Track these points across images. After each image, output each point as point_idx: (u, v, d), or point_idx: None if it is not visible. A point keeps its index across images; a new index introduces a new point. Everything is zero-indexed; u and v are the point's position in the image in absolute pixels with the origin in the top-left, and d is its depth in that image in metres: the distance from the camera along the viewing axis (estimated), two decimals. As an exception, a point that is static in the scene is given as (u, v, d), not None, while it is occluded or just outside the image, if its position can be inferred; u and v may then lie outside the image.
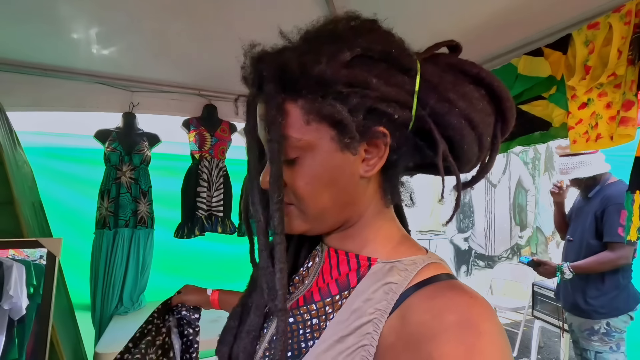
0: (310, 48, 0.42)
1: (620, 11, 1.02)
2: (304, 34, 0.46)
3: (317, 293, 0.48)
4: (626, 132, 1.01)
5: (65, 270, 1.91)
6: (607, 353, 1.86)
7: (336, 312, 0.45)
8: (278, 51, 0.45)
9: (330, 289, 0.48)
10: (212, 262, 2.37)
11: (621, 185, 1.93)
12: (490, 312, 0.36)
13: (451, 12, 1.39)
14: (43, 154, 2.09)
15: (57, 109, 1.86)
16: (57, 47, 1.65)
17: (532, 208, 5.02)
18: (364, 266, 0.48)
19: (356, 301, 0.44)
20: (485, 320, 0.35)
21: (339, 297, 0.46)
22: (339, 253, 0.50)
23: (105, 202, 1.94)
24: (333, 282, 0.48)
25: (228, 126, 2.18)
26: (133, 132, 2.01)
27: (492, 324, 0.35)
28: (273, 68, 0.42)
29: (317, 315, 0.46)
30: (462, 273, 4.39)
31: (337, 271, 0.49)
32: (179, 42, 1.72)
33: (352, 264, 0.49)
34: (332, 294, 0.47)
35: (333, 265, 0.50)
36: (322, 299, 0.47)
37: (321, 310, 0.47)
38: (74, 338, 1.78)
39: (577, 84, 1.13)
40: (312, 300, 0.48)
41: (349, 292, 0.46)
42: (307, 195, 0.45)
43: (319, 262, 0.52)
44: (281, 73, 0.42)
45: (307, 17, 0.42)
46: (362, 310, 0.43)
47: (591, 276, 1.91)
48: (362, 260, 0.48)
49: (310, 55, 0.41)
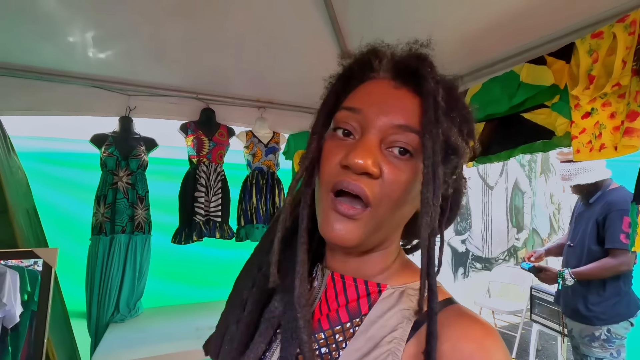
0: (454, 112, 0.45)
1: (625, 21, 1.01)
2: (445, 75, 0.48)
3: (325, 320, 0.46)
4: (631, 143, 1.00)
5: (61, 277, 1.88)
6: (608, 359, 1.87)
7: (348, 340, 0.44)
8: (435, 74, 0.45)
9: (340, 315, 0.46)
10: (210, 268, 2.34)
11: (623, 192, 1.94)
12: (499, 339, 0.40)
13: (452, 17, 1.38)
14: (38, 159, 2.06)
15: (52, 113, 1.83)
16: (52, 50, 1.62)
17: (529, 210, 5.05)
18: (374, 292, 0.47)
19: (370, 329, 0.43)
20: (498, 349, 0.39)
21: (350, 325, 0.45)
22: (345, 279, 0.48)
23: (101, 207, 1.91)
24: (343, 309, 0.46)
25: (226, 130, 2.16)
26: (130, 136, 1.98)
27: (503, 352, 0.39)
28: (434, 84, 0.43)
29: (327, 344, 0.45)
30: (460, 275, 4.40)
31: (344, 297, 0.47)
32: (177, 45, 1.70)
33: (361, 290, 0.47)
34: (342, 321, 0.46)
35: (339, 291, 0.48)
36: (331, 327, 0.46)
37: (330, 338, 0.45)
38: (69, 346, 1.76)
39: (580, 93, 1.12)
40: (320, 328, 0.46)
41: (360, 320, 0.45)
42: (398, 198, 0.43)
43: (318, 287, 0.50)
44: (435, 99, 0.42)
45: (305, 21, 0.41)
46: (377, 338, 0.42)
47: (592, 282, 1.91)
48: (371, 286, 0.47)
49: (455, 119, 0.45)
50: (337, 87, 0.49)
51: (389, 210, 0.43)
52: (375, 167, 0.41)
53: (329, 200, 0.43)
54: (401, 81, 0.45)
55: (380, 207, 0.42)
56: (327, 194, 0.44)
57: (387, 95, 0.44)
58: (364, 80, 0.48)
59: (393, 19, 1.46)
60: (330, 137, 0.46)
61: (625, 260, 1.81)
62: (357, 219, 0.42)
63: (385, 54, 0.47)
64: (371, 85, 0.46)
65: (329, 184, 0.43)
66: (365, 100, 0.45)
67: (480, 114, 1.49)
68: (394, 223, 0.45)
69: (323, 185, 0.44)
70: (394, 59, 0.47)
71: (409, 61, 0.45)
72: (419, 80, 0.43)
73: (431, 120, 0.41)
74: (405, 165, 0.43)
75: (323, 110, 0.48)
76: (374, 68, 0.47)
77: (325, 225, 0.43)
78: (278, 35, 1.65)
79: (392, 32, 1.67)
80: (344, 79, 0.49)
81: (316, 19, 1.60)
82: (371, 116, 0.43)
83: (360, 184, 0.41)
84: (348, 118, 0.44)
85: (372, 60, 0.47)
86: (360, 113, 0.44)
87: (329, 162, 0.44)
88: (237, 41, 1.69)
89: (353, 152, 0.41)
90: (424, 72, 0.43)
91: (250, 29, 1.63)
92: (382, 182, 0.42)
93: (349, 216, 0.42)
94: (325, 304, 0.48)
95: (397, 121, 0.42)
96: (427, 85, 0.42)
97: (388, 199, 0.42)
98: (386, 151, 0.43)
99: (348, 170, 0.42)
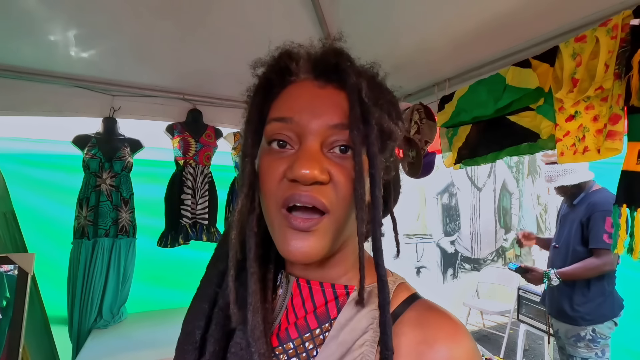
0: (381, 98, 0.45)
1: (607, 25, 1.03)
2: (366, 68, 0.47)
3: (294, 329, 0.45)
4: (613, 146, 1.02)
5: (41, 282, 1.83)
6: (593, 359, 1.89)
7: (319, 347, 0.43)
8: (354, 65, 0.45)
9: (309, 322, 0.45)
10: (196, 272, 2.27)
11: (605, 193, 1.97)
12: (466, 332, 0.43)
13: (440, 20, 1.39)
14: (17, 160, 2.00)
15: (32, 113, 1.78)
16: (32, 49, 1.57)
17: (516, 211, 5.12)
18: (342, 295, 0.46)
19: (341, 333, 0.43)
20: (469, 342, 0.42)
21: (319, 331, 0.44)
22: (311, 284, 0.47)
23: (83, 210, 1.86)
24: (311, 315, 0.45)
25: (213, 132, 2.13)
26: (114, 137, 1.94)
27: (472, 344, 0.43)
28: (356, 77, 0.42)
29: (296, 354, 0.44)
30: (449, 276, 4.43)
31: (311, 304, 0.46)
32: (163, 44, 1.67)
33: (328, 294, 0.46)
34: (310, 328, 0.44)
35: (305, 298, 0.46)
36: (300, 335, 0.44)
37: (300, 347, 0.44)
38: (48, 354, 1.70)
39: (564, 96, 1.13)
40: (287, 338, 0.45)
41: (330, 324, 0.44)
42: (351, 198, 0.41)
43: (284, 295, 0.48)
44: (359, 94, 0.42)
45: (294, 21, 0.40)
46: (349, 342, 0.42)
47: (577, 283, 1.94)
48: (338, 289, 0.46)
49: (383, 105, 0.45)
50: (258, 100, 0.46)
51: (346, 212, 0.42)
52: (324, 174, 0.40)
53: (282, 217, 0.41)
54: (324, 80, 0.44)
55: (337, 211, 0.41)
56: (278, 211, 0.41)
57: (314, 96, 0.43)
58: (285, 86, 0.46)
59: (382, 20, 1.46)
60: (265, 153, 0.44)
61: (608, 260, 1.84)
62: (316, 229, 0.40)
63: (301, 55, 0.46)
64: (295, 89, 0.45)
65: (278, 200, 0.41)
66: (293, 107, 0.43)
67: (467, 117, 1.49)
68: (353, 222, 0.43)
69: (271, 204, 0.42)
70: (312, 59, 0.45)
71: (327, 58, 0.44)
72: (341, 75, 0.42)
73: (357, 116, 0.40)
74: (349, 162, 0.41)
75: (249, 129, 0.45)
76: (292, 72, 0.45)
77: (283, 245, 0.41)
78: (266, 35, 1.63)
79: (380, 33, 1.67)
80: (263, 90, 0.46)
81: (305, 20, 1.59)
82: (304, 122, 0.41)
83: (313, 194, 0.40)
84: (280, 129, 0.42)
85: (288, 64, 0.45)
86: (292, 122, 0.42)
87: (271, 178, 0.42)
88: (224, 41, 1.67)
89: (297, 164, 0.39)
90: (344, 66, 0.42)
91: (238, 29, 1.61)
92: (334, 186, 0.41)
93: (306, 229, 0.40)
94: (292, 311, 0.46)
95: (331, 121, 0.41)
96: (350, 80, 0.41)
97: (343, 200, 0.41)
98: (328, 153, 0.42)
99: (296, 183, 0.40)
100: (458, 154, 1.62)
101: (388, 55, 1.52)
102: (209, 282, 0.51)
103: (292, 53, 0.46)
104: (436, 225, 4.41)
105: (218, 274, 0.50)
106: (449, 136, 1.66)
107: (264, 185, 0.42)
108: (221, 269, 0.49)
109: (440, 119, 1.64)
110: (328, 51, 0.45)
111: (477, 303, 3.92)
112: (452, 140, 1.64)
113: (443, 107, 1.62)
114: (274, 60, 0.46)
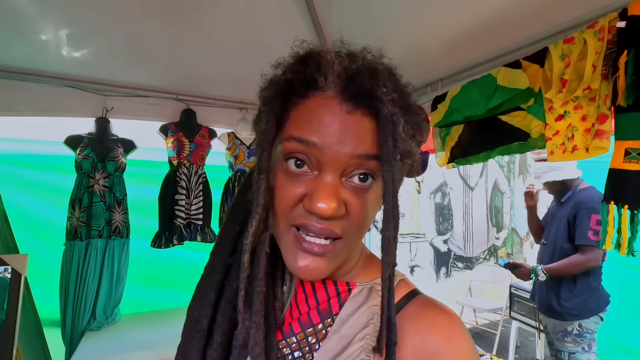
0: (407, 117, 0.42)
1: (594, 27, 1.05)
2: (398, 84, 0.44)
3: (297, 324, 0.46)
4: (601, 145, 1.04)
5: (33, 284, 1.81)
6: (580, 353, 1.93)
7: (321, 341, 0.44)
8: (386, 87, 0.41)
9: (312, 317, 0.46)
10: (191, 273, 2.26)
11: (592, 191, 2.02)
12: (463, 327, 0.44)
13: (432, 22, 1.40)
14: (8, 161, 1.97)
15: (23, 113, 1.76)
16: (23, 48, 1.56)
17: (508, 210, 5.18)
18: (343, 291, 0.47)
19: (342, 328, 0.44)
20: (464, 337, 0.43)
21: (322, 326, 0.45)
22: (314, 282, 0.48)
23: (76, 211, 1.84)
24: (314, 311, 0.47)
25: (207, 132, 2.13)
26: (107, 138, 1.92)
27: (468, 339, 0.43)
28: (390, 107, 0.39)
29: (299, 348, 0.45)
30: (442, 275, 4.47)
31: (314, 300, 0.47)
32: (156, 44, 1.66)
33: (331, 291, 0.47)
34: (313, 323, 0.46)
35: (309, 294, 0.48)
36: (303, 329, 0.46)
37: (303, 341, 0.45)
38: (41, 356, 1.68)
39: (554, 96, 1.16)
40: (291, 332, 0.46)
41: (332, 320, 0.45)
42: (365, 226, 0.42)
43: (288, 292, 0.50)
44: (394, 127, 0.40)
45: (288, 22, 0.40)
46: (350, 336, 0.43)
47: (564, 279, 1.98)
48: (340, 286, 0.48)
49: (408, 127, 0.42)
50: (277, 107, 0.41)
51: (359, 236, 0.44)
52: (341, 210, 0.39)
53: (293, 237, 0.41)
54: (353, 104, 0.40)
55: (350, 236, 0.42)
56: (288, 230, 0.41)
57: (341, 123, 0.39)
58: (307, 96, 0.41)
59: (376, 22, 1.47)
60: (280, 170, 0.41)
61: (593, 257, 1.89)
62: (326, 256, 0.41)
63: (331, 67, 0.40)
64: (319, 108, 0.40)
65: (290, 221, 0.41)
66: (317, 131, 0.39)
67: (460, 117, 1.52)
68: (361, 239, 0.45)
69: (282, 222, 0.41)
70: (343, 77, 0.40)
71: (360, 80, 0.39)
72: (374, 102, 0.39)
73: (390, 150, 0.38)
74: (366, 191, 0.41)
75: (266, 140, 0.41)
76: (318, 85, 0.40)
77: (293, 263, 0.41)
78: (260, 35, 1.64)
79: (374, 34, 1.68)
80: (283, 95, 0.42)
81: (298, 20, 1.60)
82: (328, 151, 0.39)
83: (328, 227, 0.39)
84: (301, 150, 0.40)
85: (316, 77, 0.40)
86: (315, 147, 0.39)
87: (286, 200, 0.40)
88: (218, 41, 1.67)
89: (316, 197, 0.38)
90: (379, 94, 0.39)
91: (232, 29, 1.61)
92: (349, 217, 0.41)
93: (317, 254, 0.40)
94: (296, 308, 0.48)
95: (356, 152, 0.39)
96: (384, 110, 0.38)
97: (357, 228, 0.42)
98: (346, 182, 0.40)
99: (312, 214, 0.39)
100: (451, 154, 1.64)
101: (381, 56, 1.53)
102: (213, 271, 0.51)
103: (321, 65, 0.40)
104: (429, 225, 4.45)
105: (224, 265, 0.50)
106: (442, 136, 1.68)
107: (278, 206, 0.41)
108: (229, 261, 0.51)
109: (433, 119, 1.66)
110: (362, 71, 0.40)
111: (470, 301, 3.97)
112: (444, 139, 1.66)
113: (436, 107, 1.64)
114: (299, 66, 0.42)
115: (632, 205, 0.96)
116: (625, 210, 0.97)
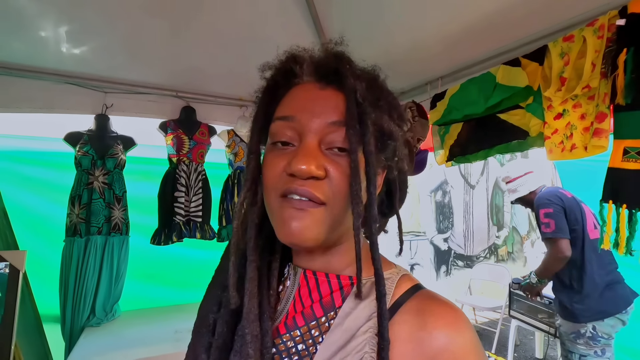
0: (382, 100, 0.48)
1: (594, 25, 1.05)
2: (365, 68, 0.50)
3: (300, 317, 0.47)
4: (599, 144, 1.04)
5: (33, 280, 1.82)
6: (592, 357, 1.84)
7: (325, 334, 0.45)
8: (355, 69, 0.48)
9: (315, 311, 0.47)
10: (190, 269, 2.29)
11: (545, 190, 2.12)
12: (467, 321, 0.44)
13: (432, 20, 1.40)
14: (8, 158, 1.98)
15: (23, 110, 1.76)
16: (22, 45, 1.56)
17: (509, 208, 5.17)
18: (346, 285, 0.48)
19: (345, 321, 0.45)
20: (469, 330, 0.43)
21: (325, 319, 0.46)
22: (317, 275, 0.49)
23: (76, 208, 1.85)
24: (317, 304, 0.47)
25: (207, 129, 2.13)
26: (106, 134, 1.92)
27: (472, 332, 0.43)
28: (353, 80, 0.45)
29: (303, 341, 0.46)
30: (442, 273, 4.47)
31: (317, 293, 0.48)
32: (156, 41, 1.66)
33: (334, 284, 0.49)
34: (317, 316, 0.47)
35: (312, 288, 0.49)
36: (306, 322, 0.47)
37: (307, 334, 0.46)
38: (41, 352, 1.70)
39: (553, 94, 1.15)
40: (294, 326, 0.47)
41: (335, 313, 0.46)
42: (346, 193, 0.43)
43: (291, 286, 0.51)
44: (355, 94, 0.45)
45: (288, 20, 0.41)
46: (353, 329, 0.44)
47: (572, 280, 1.94)
48: (343, 280, 0.49)
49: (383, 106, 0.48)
50: (265, 100, 0.50)
51: (343, 206, 0.44)
52: (319, 170, 0.42)
53: (279, 202, 0.44)
54: (325, 82, 0.47)
55: (333, 204, 0.44)
56: (276, 200, 0.45)
57: (315, 97, 0.46)
58: (289, 88, 0.49)
59: (375, 18, 1.47)
60: (269, 150, 0.48)
61: (558, 248, 1.90)
62: (311, 212, 0.43)
63: (305, 59, 0.49)
64: (298, 91, 0.48)
65: (277, 191, 0.44)
66: (295, 107, 0.46)
67: (459, 115, 1.51)
68: (346, 211, 0.45)
69: (271, 194, 0.45)
70: (314, 62, 0.49)
71: (328, 62, 0.47)
72: (340, 78, 0.45)
73: (353, 116, 0.43)
74: (346, 160, 0.44)
75: (255, 126, 0.49)
76: (296, 74, 0.49)
77: (281, 228, 0.44)
78: (260, 32, 1.63)
79: (373, 31, 1.68)
80: (270, 91, 0.50)
81: (298, 17, 1.59)
82: (305, 120, 0.45)
83: (308, 188, 0.42)
84: (283, 127, 0.46)
85: (293, 67, 0.49)
86: (294, 120, 0.45)
87: (272, 171, 0.45)
88: (218, 38, 1.67)
89: (295, 159, 0.42)
90: (343, 70, 0.45)
91: (231, 26, 1.61)
92: (330, 181, 0.43)
93: (301, 208, 0.43)
94: (299, 301, 0.49)
95: (329, 119, 0.44)
96: (347, 82, 0.44)
97: (339, 194, 0.43)
98: (327, 151, 0.45)
99: (294, 177, 0.43)
100: (450, 152, 1.63)
101: (381, 54, 1.53)
102: (222, 271, 0.54)
103: (297, 57, 0.49)
104: (430, 223, 4.44)
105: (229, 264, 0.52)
106: (441, 134, 1.67)
107: (266, 179, 0.46)
108: None
109: (432, 117, 1.65)
110: (329, 55, 0.48)
111: (470, 299, 3.97)
112: (444, 137, 1.66)
113: (435, 105, 1.64)
114: (280, 63, 0.50)
115: (630, 205, 0.96)
116: (624, 210, 0.97)
